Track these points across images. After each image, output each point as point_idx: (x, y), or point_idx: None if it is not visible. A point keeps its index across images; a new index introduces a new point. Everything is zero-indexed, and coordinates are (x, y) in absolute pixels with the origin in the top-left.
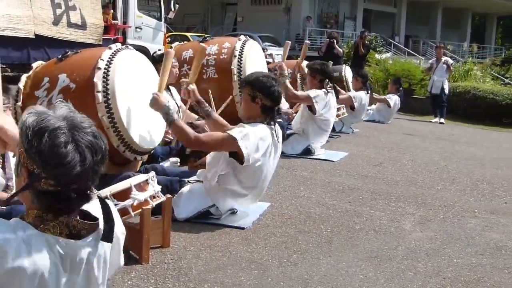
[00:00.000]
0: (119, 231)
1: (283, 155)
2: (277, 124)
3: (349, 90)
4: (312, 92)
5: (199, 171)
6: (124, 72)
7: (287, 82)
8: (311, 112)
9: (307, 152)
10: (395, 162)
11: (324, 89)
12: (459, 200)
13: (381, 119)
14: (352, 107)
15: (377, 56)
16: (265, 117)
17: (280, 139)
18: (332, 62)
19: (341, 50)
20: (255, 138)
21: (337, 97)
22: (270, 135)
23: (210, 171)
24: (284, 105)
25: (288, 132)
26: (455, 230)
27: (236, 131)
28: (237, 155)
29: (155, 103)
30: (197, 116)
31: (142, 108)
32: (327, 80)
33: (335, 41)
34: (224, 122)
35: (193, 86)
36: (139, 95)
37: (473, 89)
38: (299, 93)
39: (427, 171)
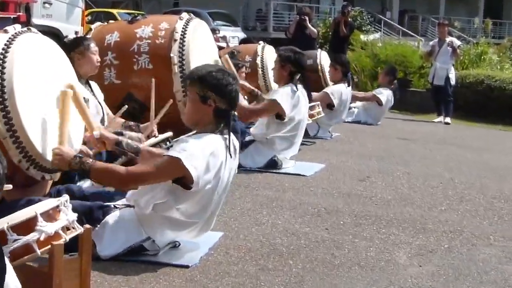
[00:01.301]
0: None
1: (241, 169)
2: (232, 134)
3: (325, 83)
4: (276, 96)
5: (129, 192)
6: (25, 64)
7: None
8: (279, 119)
9: (272, 164)
10: (386, 175)
11: (291, 85)
12: (469, 224)
13: (368, 119)
14: (330, 106)
15: (362, 37)
16: (218, 124)
17: (237, 153)
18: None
19: (315, 30)
20: (204, 155)
21: (309, 95)
22: (223, 149)
23: (142, 197)
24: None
25: (247, 139)
26: (464, 263)
27: (178, 149)
28: (182, 179)
29: (60, 161)
30: (123, 120)
31: (51, 111)
32: (299, 74)
33: (307, 18)
34: (159, 151)
35: (97, 133)
36: (46, 94)
37: (487, 78)
38: (259, 106)
39: (428, 187)
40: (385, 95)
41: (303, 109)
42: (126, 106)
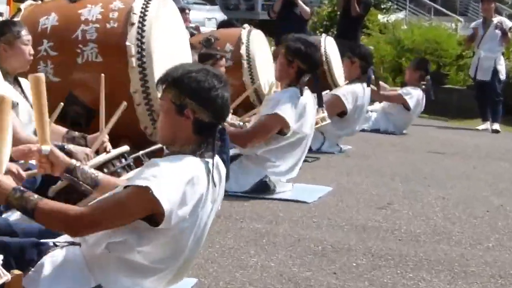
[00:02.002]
0: None
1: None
2: (217, 157)
3: (333, 79)
4: (278, 107)
5: None
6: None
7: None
8: (279, 134)
9: (263, 188)
10: (414, 201)
11: (294, 88)
12: None
13: (390, 127)
14: (342, 113)
15: (381, 17)
16: (199, 144)
17: (223, 182)
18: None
19: (307, 9)
20: (179, 183)
21: (320, 102)
22: (204, 177)
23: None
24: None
25: (230, 153)
26: None
27: (146, 175)
28: (150, 215)
29: None
30: (64, 130)
31: None
32: (310, 74)
33: None
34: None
35: (47, 149)
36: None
37: None
38: (255, 127)
39: (470, 216)
40: (415, 96)
41: (310, 120)
42: (62, 104)
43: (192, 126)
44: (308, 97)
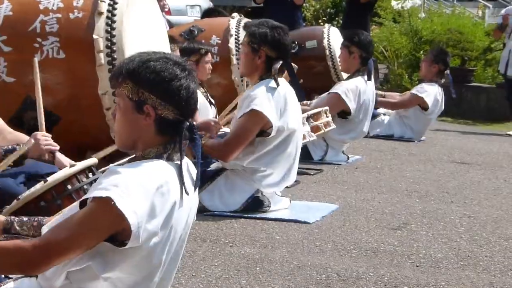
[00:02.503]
0: None
1: (206, 214)
2: (187, 159)
3: (338, 76)
4: (253, 103)
5: None
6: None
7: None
8: (261, 136)
9: (255, 206)
10: (435, 220)
11: (270, 78)
12: None
13: (406, 133)
14: (343, 113)
15: (395, 4)
16: (165, 145)
17: (197, 186)
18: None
19: None
20: (147, 192)
21: (301, 96)
22: (175, 182)
23: None
24: (208, 111)
25: (213, 167)
26: None
27: (105, 185)
28: (114, 233)
29: None
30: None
31: None
32: (281, 61)
33: None
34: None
35: None
36: None
37: None
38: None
39: (500, 238)
40: (432, 94)
41: (293, 113)
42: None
43: (154, 124)
44: (286, 87)
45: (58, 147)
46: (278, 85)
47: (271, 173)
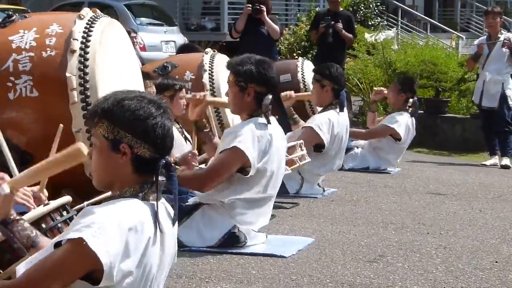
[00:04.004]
0: None
1: (182, 250)
2: (163, 200)
3: (312, 109)
4: (236, 140)
5: None
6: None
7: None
8: (240, 173)
9: (231, 241)
10: (410, 252)
11: (260, 116)
12: None
13: (381, 164)
14: (318, 146)
15: (369, 36)
16: (142, 184)
17: (174, 227)
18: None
19: (276, 28)
20: (120, 231)
21: (287, 129)
22: (150, 222)
23: None
24: (183, 147)
25: (191, 201)
26: None
27: (79, 226)
28: (87, 273)
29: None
30: None
31: None
32: (270, 96)
33: (263, 9)
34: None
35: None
36: None
37: None
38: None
39: (476, 269)
40: (403, 124)
41: (277, 155)
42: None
43: (130, 163)
44: (275, 127)
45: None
46: (269, 122)
47: (249, 213)
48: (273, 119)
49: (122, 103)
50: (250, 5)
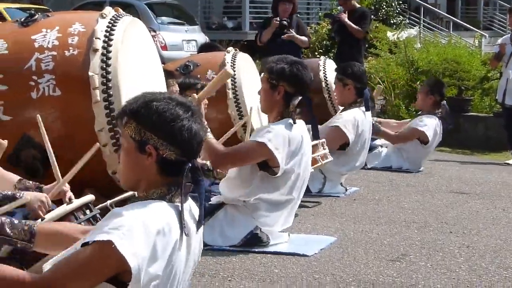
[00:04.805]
0: None
1: (205, 249)
2: (190, 201)
3: (334, 108)
4: (264, 137)
5: None
6: None
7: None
8: (266, 171)
9: (254, 241)
10: (433, 251)
11: (289, 117)
12: None
13: (404, 164)
14: (342, 144)
15: (391, 35)
16: (169, 186)
17: (200, 230)
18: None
19: (305, 40)
20: (148, 234)
21: (316, 134)
22: (176, 225)
23: None
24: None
25: (214, 201)
26: None
27: (107, 228)
28: (114, 276)
29: None
30: (16, 178)
31: None
32: (300, 97)
33: (291, 32)
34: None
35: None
36: None
37: None
38: (239, 147)
39: (499, 267)
40: (432, 127)
41: (305, 158)
42: (5, 142)
43: (156, 165)
44: (303, 129)
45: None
46: (294, 122)
47: (271, 215)
48: (301, 122)
49: (150, 104)
50: (278, 19)
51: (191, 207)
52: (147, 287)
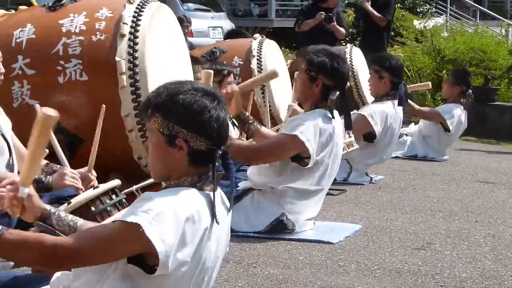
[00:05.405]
0: None
1: (231, 234)
2: (219, 189)
3: (360, 97)
4: (298, 129)
5: (55, 276)
6: None
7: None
8: (297, 163)
9: (279, 228)
10: (459, 240)
11: (324, 108)
12: None
13: (429, 153)
14: (370, 136)
15: (417, 23)
16: (199, 175)
17: (228, 217)
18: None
19: (342, 31)
20: (177, 221)
21: (349, 125)
22: (206, 212)
23: (79, 286)
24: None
25: (240, 186)
26: None
27: (137, 211)
28: (142, 259)
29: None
30: (45, 162)
31: None
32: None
33: (334, 21)
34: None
35: (27, 191)
36: None
37: None
38: (268, 144)
39: None
40: (455, 116)
41: (335, 149)
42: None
43: (187, 157)
44: (338, 122)
45: (82, 188)
46: (333, 117)
47: (298, 203)
48: (336, 113)
49: (176, 97)
50: (323, 13)
51: (221, 195)
52: (176, 273)
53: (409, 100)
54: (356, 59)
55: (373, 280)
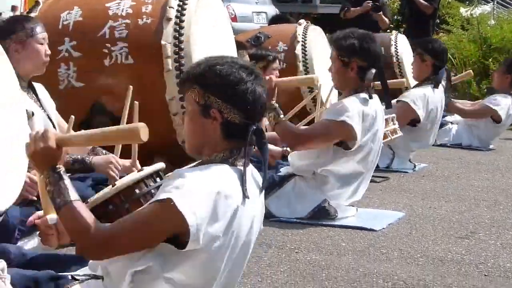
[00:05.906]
0: None
1: (272, 220)
2: (251, 166)
3: (406, 83)
4: (342, 115)
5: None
6: None
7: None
8: (341, 147)
9: (321, 214)
10: (503, 229)
11: (364, 92)
12: None
13: (474, 142)
14: (414, 121)
15: (464, 11)
16: (231, 150)
17: (261, 194)
18: None
19: (386, 20)
20: (208, 195)
21: (388, 103)
22: (238, 188)
23: (114, 264)
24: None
25: (282, 172)
26: None
27: (168, 188)
28: (175, 235)
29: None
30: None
31: None
32: (373, 70)
33: (381, 12)
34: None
35: (54, 218)
36: None
37: None
38: (315, 126)
39: None
40: (505, 106)
41: (379, 132)
42: (73, 117)
43: (220, 128)
44: (377, 104)
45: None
46: (371, 97)
47: (341, 188)
48: (375, 95)
49: (213, 68)
50: (370, 2)
51: (253, 172)
52: (209, 248)
53: (456, 102)
54: (401, 46)
55: (415, 268)
